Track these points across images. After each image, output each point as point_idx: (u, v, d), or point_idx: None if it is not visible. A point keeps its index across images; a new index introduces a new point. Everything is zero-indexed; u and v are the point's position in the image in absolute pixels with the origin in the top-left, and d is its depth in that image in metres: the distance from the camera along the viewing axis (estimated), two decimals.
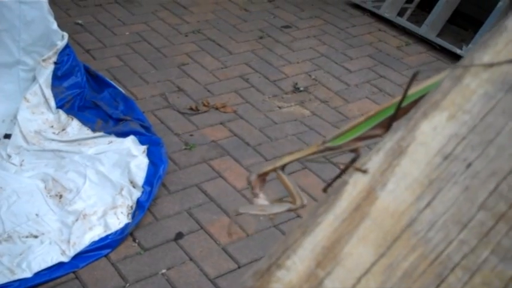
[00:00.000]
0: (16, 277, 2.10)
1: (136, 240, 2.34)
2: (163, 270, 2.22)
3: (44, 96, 2.75)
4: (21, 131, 2.64)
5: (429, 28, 3.79)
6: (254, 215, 0.56)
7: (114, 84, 3.01)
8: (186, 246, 2.34)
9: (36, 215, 2.38)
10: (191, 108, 3.07)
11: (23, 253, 2.19)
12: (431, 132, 0.48)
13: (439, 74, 0.54)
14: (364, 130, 0.56)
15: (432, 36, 3.78)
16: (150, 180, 2.54)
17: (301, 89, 3.32)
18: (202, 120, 3.00)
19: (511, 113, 0.47)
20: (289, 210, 0.56)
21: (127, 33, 3.72)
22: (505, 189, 0.45)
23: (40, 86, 2.75)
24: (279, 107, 3.16)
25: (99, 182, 2.53)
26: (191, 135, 2.90)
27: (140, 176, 2.56)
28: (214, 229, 2.42)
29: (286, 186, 0.58)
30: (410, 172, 0.48)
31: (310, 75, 3.46)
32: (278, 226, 2.45)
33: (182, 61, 3.47)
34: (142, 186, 2.51)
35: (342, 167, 0.53)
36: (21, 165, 2.57)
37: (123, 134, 2.72)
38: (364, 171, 0.49)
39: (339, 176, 0.53)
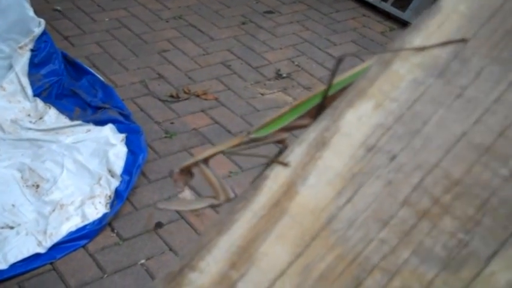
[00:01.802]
0: None
1: (115, 230, 2.30)
2: (143, 261, 2.19)
3: (21, 84, 2.70)
4: None
5: (413, 13, 3.75)
6: (174, 210, 0.52)
7: (93, 71, 2.95)
8: (165, 236, 2.31)
9: (13, 205, 2.34)
10: (172, 96, 3.02)
11: None
12: (356, 122, 0.45)
13: (369, 59, 0.50)
14: (291, 120, 0.53)
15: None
16: (128, 169, 2.50)
17: (284, 75, 3.28)
18: (183, 108, 2.96)
19: (440, 101, 0.43)
20: (212, 205, 0.53)
21: (106, 19, 3.65)
22: (430, 183, 0.41)
23: (16, 74, 2.69)
24: (262, 94, 3.12)
25: (77, 172, 2.49)
26: (172, 123, 2.85)
27: (119, 165, 2.51)
28: (194, 218, 2.39)
29: (209, 180, 0.55)
30: (333, 165, 0.44)
31: (293, 62, 3.41)
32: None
33: (163, 47, 3.42)
34: (121, 176, 2.47)
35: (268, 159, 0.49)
36: None
37: (101, 122, 2.68)
38: (285, 165, 0.45)
39: (265, 169, 0.50)
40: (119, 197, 2.40)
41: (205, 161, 0.56)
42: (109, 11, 3.73)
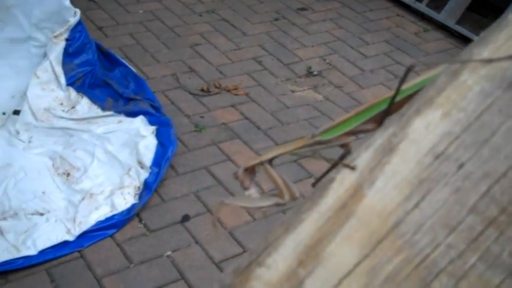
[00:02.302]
0: (21, 254, 2.12)
1: (143, 221, 2.34)
2: (169, 252, 2.23)
3: (55, 73, 2.74)
4: (30, 108, 2.64)
5: (448, 14, 3.73)
6: (239, 207, 0.55)
7: (126, 62, 2.99)
8: (192, 229, 2.34)
9: (43, 192, 2.39)
10: (202, 90, 3.05)
11: (28, 230, 2.20)
12: (424, 130, 0.47)
13: (435, 69, 0.52)
14: (356, 124, 0.55)
15: (451, 23, 3.72)
16: (158, 161, 2.53)
17: (315, 73, 3.29)
18: (213, 102, 2.99)
19: (507, 112, 0.45)
20: (277, 204, 0.55)
21: (140, 11, 3.69)
22: (497, 192, 0.43)
23: (51, 62, 2.74)
24: (292, 91, 3.14)
25: (107, 162, 2.53)
26: (201, 117, 2.89)
27: (148, 157, 2.55)
28: (221, 212, 2.42)
29: (274, 179, 0.57)
30: (400, 171, 0.46)
31: (324, 59, 3.42)
32: (286, 211, 2.44)
33: (195, 41, 3.45)
34: (150, 167, 2.51)
35: (331, 162, 0.51)
36: (29, 142, 2.58)
37: (132, 114, 2.72)
38: (352, 168, 0.47)
39: (328, 172, 0.52)
40: (148, 189, 2.44)
41: (270, 161, 0.58)
42: (143, 3, 3.78)
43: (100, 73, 2.82)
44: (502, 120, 0.45)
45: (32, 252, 2.15)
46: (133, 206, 2.38)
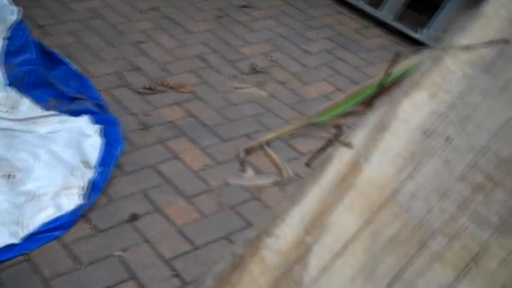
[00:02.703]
0: None
1: (91, 222, 2.33)
2: (118, 252, 2.23)
3: None
4: None
5: (388, 12, 3.87)
6: (243, 185, 0.59)
7: (69, 61, 2.97)
8: (141, 228, 2.35)
9: None
10: (148, 88, 3.06)
11: None
12: (412, 110, 0.53)
13: (418, 55, 0.58)
14: (347, 107, 0.60)
15: (390, 20, 3.86)
16: (104, 160, 2.53)
17: (259, 70, 3.36)
18: (159, 100, 3.00)
19: (488, 92, 0.52)
20: (276, 182, 0.60)
21: (82, 8, 3.66)
22: (481, 161, 0.49)
23: None
24: (237, 88, 3.19)
25: (52, 162, 2.51)
26: (147, 115, 2.90)
27: (94, 156, 2.55)
28: (170, 211, 2.44)
29: (273, 160, 0.61)
30: (393, 146, 0.52)
31: (268, 56, 3.49)
32: (235, 208, 2.49)
33: (139, 39, 3.45)
34: (96, 167, 2.51)
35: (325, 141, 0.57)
36: None
37: (77, 113, 2.70)
38: (349, 146, 0.53)
39: (322, 150, 0.57)
40: (95, 189, 2.43)
41: (267, 143, 0.63)
42: (85, 1, 3.75)
43: (42, 72, 2.79)
44: (483, 99, 0.52)
45: None
46: (80, 206, 2.37)
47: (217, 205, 2.41)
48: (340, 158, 0.52)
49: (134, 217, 2.41)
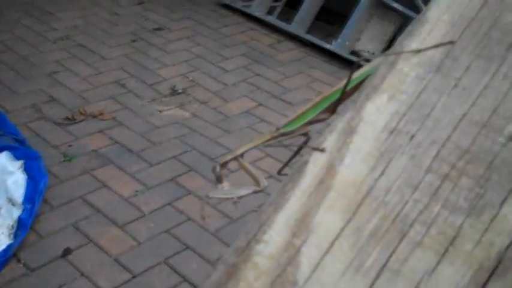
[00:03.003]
0: None
1: (22, 261, 2.27)
2: None
3: None
4: None
5: (298, 25, 4.00)
6: (223, 198, 0.62)
7: None
8: (75, 262, 2.31)
9: None
10: (67, 118, 3.02)
11: None
12: (376, 112, 0.57)
13: (372, 62, 0.63)
14: (312, 115, 0.64)
15: (302, 33, 3.99)
16: (30, 196, 2.47)
17: (180, 91, 3.38)
18: (80, 130, 2.96)
19: (441, 90, 0.57)
20: (255, 191, 0.63)
21: None
22: (445, 154, 0.54)
23: None
24: (159, 111, 3.20)
25: None
26: (70, 145, 2.85)
27: (19, 193, 2.48)
28: (104, 241, 2.41)
29: (248, 171, 0.64)
30: (363, 147, 0.56)
31: (187, 77, 3.52)
32: (170, 231, 2.49)
33: (53, 69, 3.39)
34: (23, 204, 2.44)
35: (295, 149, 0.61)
36: None
37: None
38: (322, 150, 0.57)
39: (292, 158, 0.61)
40: (23, 226, 2.37)
41: (241, 155, 0.66)
42: None
43: None
44: (438, 97, 0.57)
45: None
46: (9, 246, 2.30)
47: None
48: (315, 163, 0.56)
49: (67, 252, 2.36)
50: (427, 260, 0.51)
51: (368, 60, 0.59)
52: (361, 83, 0.62)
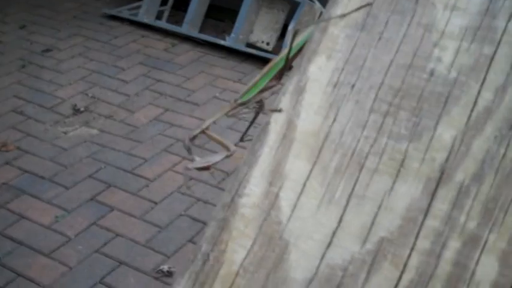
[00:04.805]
0: None
1: None
2: None
3: None
4: None
5: (190, 26, 4.10)
6: (201, 167, 0.70)
7: None
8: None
9: None
10: None
11: None
12: (319, 71, 0.69)
13: (306, 30, 0.75)
14: (264, 84, 0.75)
15: (195, 33, 4.10)
16: None
17: (82, 109, 3.39)
18: None
19: (369, 44, 0.70)
20: (226, 156, 0.72)
21: None
22: (382, 95, 0.67)
23: None
24: (64, 133, 3.20)
25: None
26: None
27: None
28: (33, 272, 2.41)
29: (217, 139, 0.74)
30: (314, 101, 0.68)
31: (87, 94, 3.54)
32: (100, 250, 2.52)
33: None
34: None
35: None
36: None
37: None
38: (280, 110, 0.68)
39: (251, 124, 0.72)
40: None
41: (207, 128, 0.75)
42: None
43: None
44: (367, 50, 0.70)
45: None
46: None
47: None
48: (276, 122, 0.67)
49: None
50: (384, 182, 0.63)
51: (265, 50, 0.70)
52: (300, 50, 0.74)
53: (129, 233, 2.60)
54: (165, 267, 2.43)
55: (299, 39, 0.75)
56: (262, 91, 0.74)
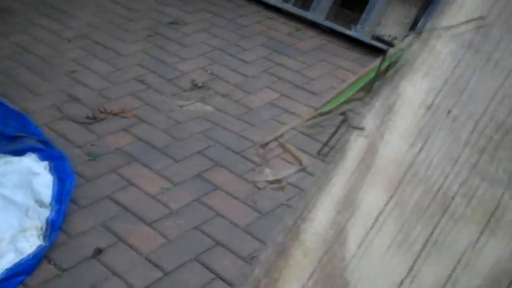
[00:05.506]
0: None
1: (53, 262, 2.32)
2: None
3: None
4: None
5: (317, 12, 4.01)
6: (270, 181, 0.65)
7: (4, 101, 2.94)
8: (107, 261, 2.35)
9: None
10: (88, 117, 3.07)
11: None
12: (412, 89, 0.61)
13: (404, 41, 0.66)
14: (349, 95, 0.67)
15: (321, 20, 3.99)
16: (58, 197, 2.53)
17: (200, 85, 3.41)
18: (102, 128, 3.01)
19: (474, 65, 0.60)
20: (298, 170, 0.66)
21: (8, 45, 3.63)
22: (482, 127, 0.57)
23: None
24: (180, 106, 3.23)
25: (3, 206, 2.49)
26: (93, 145, 2.90)
27: (47, 194, 2.54)
28: (134, 239, 2.45)
29: (290, 151, 0.68)
30: (401, 124, 0.59)
31: (206, 70, 3.56)
32: (199, 227, 2.52)
33: (71, 68, 3.45)
34: (51, 204, 2.50)
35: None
36: None
37: (20, 152, 2.68)
38: (362, 129, 0.60)
39: (331, 137, 0.64)
40: (52, 227, 2.42)
41: (281, 137, 0.69)
42: (7, 36, 3.71)
43: None
44: (471, 71, 0.60)
45: None
46: (40, 247, 2.35)
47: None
48: (356, 141, 0.59)
49: (98, 251, 2.40)
50: (469, 232, 0.54)
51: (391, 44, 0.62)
52: (395, 61, 0.65)
53: (229, 214, 2.58)
54: None
55: (393, 51, 0.67)
56: (347, 102, 0.67)
